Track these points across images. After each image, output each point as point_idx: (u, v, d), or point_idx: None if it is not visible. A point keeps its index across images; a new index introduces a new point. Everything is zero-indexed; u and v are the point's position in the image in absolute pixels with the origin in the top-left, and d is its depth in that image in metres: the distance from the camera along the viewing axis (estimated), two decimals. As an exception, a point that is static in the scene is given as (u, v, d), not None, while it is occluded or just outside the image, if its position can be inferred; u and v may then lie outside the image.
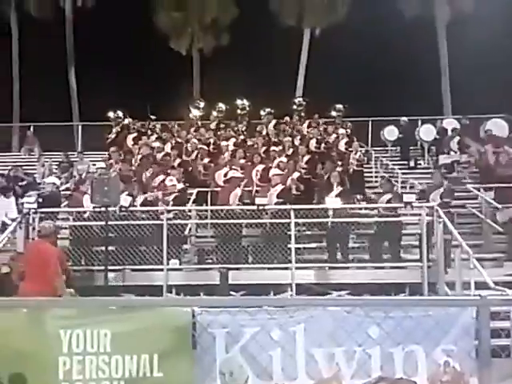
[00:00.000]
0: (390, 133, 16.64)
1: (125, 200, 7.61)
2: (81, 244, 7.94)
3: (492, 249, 9.24)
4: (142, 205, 8.40)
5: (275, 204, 8.42)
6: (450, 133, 15.45)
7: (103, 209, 7.36)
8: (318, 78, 21.96)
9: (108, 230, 7.35)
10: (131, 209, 7.87)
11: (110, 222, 7.30)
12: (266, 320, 2.63)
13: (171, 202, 8.35)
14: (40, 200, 8.52)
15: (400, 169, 13.83)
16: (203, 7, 23.66)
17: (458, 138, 15.37)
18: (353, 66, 21.62)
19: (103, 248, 7.53)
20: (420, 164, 15.38)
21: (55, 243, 6.62)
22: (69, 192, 10.37)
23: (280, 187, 8.84)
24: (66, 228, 8.47)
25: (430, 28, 22.95)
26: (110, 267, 7.58)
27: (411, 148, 16.17)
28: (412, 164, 15.27)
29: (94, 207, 7.64)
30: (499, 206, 9.85)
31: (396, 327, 2.47)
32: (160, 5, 23.48)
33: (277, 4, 23.09)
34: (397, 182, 12.25)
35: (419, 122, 16.61)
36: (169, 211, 7.98)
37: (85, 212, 8.25)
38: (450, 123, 16.48)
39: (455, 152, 14.84)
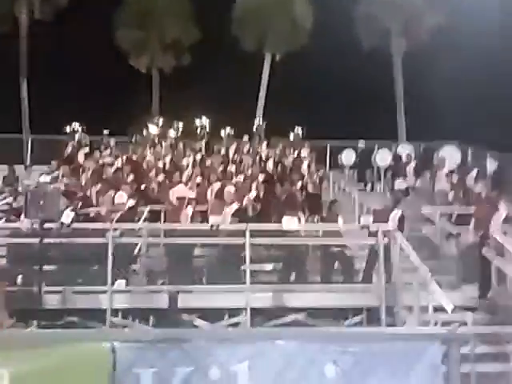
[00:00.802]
0: (348, 156, 16.91)
1: (67, 216, 7.04)
2: (18, 262, 7.29)
3: (447, 272, 9.20)
4: (86, 221, 7.82)
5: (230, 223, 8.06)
6: (404, 158, 15.79)
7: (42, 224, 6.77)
8: (278, 101, 22.11)
9: (46, 248, 6.74)
10: (74, 226, 7.27)
11: (47, 240, 6.69)
12: (202, 357, 2.20)
13: (115, 218, 7.80)
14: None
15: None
16: (164, 27, 23.50)
17: (413, 163, 15.74)
18: (312, 91, 21.92)
19: (44, 267, 6.92)
20: (376, 188, 15.55)
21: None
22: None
23: (235, 206, 8.51)
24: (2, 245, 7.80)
25: (386, 57, 23.72)
26: (49, 288, 6.97)
27: (367, 171, 16.46)
28: (369, 188, 15.41)
29: (32, 223, 7.02)
30: (457, 230, 9.89)
31: (355, 365, 2.13)
32: (121, 22, 23.13)
33: (238, 29, 23.24)
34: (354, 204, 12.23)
35: (376, 147, 16.95)
36: (116, 229, 7.44)
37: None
38: (404, 149, 16.88)
39: (410, 177, 15.12)
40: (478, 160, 14.90)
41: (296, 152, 14.26)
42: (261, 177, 10.95)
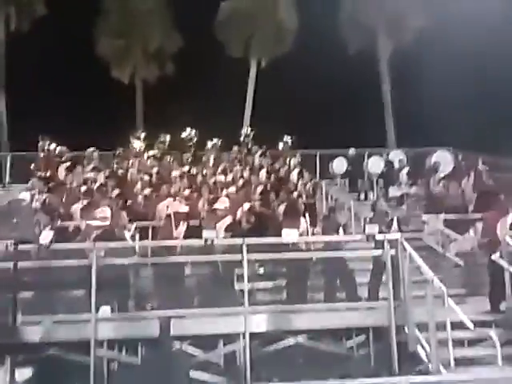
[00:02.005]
0: (339, 165, 16.56)
1: (45, 236, 6.36)
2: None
3: (452, 284, 8.70)
4: (66, 241, 7.13)
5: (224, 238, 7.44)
6: (396, 165, 15.45)
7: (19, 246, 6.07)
8: (266, 109, 21.73)
9: (21, 273, 6.04)
10: (54, 246, 6.57)
11: (22, 263, 6.00)
12: None
13: (94, 235, 7.12)
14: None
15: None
16: (146, 36, 23.00)
17: (406, 169, 15.43)
18: (299, 98, 21.56)
19: (18, 295, 6.22)
20: (369, 196, 15.16)
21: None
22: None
23: (229, 220, 7.92)
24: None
25: (373, 62, 23.51)
26: (25, 319, 6.26)
27: (359, 180, 16.08)
28: (362, 196, 15.02)
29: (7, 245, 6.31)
30: (459, 237, 9.45)
31: None
32: (101, 31, 22.54)
33: (223, 34, 22.86)
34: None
35: (366, 155, 16.61)
36: (100, 249, 6.77)
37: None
38: (396, 155, 16.59)
39: (404, 184, 14.83)
40: (470, 164, 14.60)
41: (287, 161, 13.79)
42: (255, 188, 10.41)
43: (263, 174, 12.05)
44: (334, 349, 6.91)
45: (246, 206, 9.12)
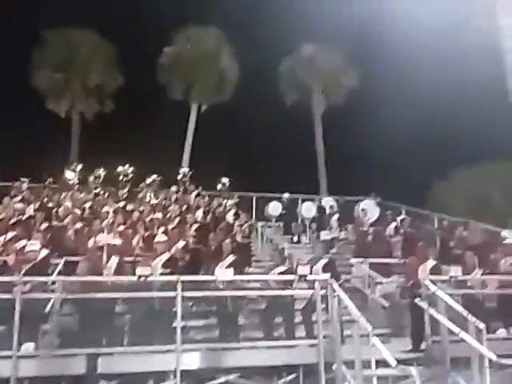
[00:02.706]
0: (274, 208, 17.13)
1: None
2: None
3: (378, 324, 9.09)
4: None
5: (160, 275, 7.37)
6: (328, 210, 16.22)
7: None
8: (205, 151, 22.04)
9: None
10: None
11: None
12: None
13: (24, 270, 6.81)
14: None
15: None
16: (86, 71, 22.82)
17: (336, 215, 16.24)
18: (238, 143, 22.14)
19: None
20: (302, 239, 15.66)
21: None
22: None
23: (166, 256, 7.88)
24: None
25: (308, 113, 24.81)
26: None
27: (293, 224, 16.59)
28: (295, 239, 15.50)
29: None
30: (384, 280, 9.94)
31: None
32: (39, 62, 22.06)
33: (165, 77, 23.22)
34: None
35: (299, 200, 17.27)
36: (25, 282, 6.47)
37: None
38: (327, 202, 17.46)
39: (335, 229, 15.55)
40: (394, 213, 15.58)
41: (224, 202, 14.02)
42: (190, 226, 10.44)
43: (199, 213, 12.14)
44: (265, 387, 6.94)
45: (181, 243, 9.13)
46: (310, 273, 7.69)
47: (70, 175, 15.04)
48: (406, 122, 19.56)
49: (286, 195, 16.98)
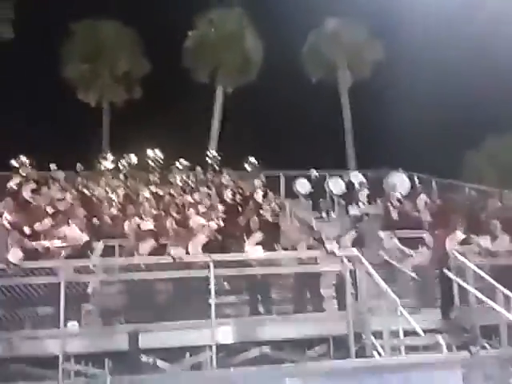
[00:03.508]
0: (302, 185, 17.14)
1: (14, 254, 6.47)
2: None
3: (407, 296, 9.21)
4: (35, 259, 7.22)
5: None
6: (356, 185, 16.13)
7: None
8: (232, 132, 22.21)
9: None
10: (23, 264, 6.67)
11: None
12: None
13: (66, 255, 7.25)
14: None
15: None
16: (114, 60, 23.23)
17: (366, 190, 16.12)
18: (265, 123, 22.21)
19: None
20: (331, 215, 15.69)
21: None
22: None
23: (204, 238, 8.20)
24: None
25: (334, 90, 24.55)
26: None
27: (321, 200, 16.67)
28: (324, 215, 15.53)
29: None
30: (413, 252, 9.98)
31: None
32: (69, 55, 22.63)
33: (190, 61, 23.37)
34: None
35: (327, 176, 17.26)
36: (70, 266, 6.91)
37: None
38: (356, 177, 17.29)
39: (364, 204, 15.44)
40: (424, 186, 15.44)
41: (252, 182, 14.20)
42: (221, 207, 10.73)
43: (228, 194, 12.39)
44: (297, 358, 7.22)
45: (212, 224, 9.43)
46: (339, 248, 7.90)
47: (104, 162, 15.56)
48: (434, 93, 19.18)
49: (314, 172, 16.99)
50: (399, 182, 15.72)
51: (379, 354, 6.57)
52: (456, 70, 19.42)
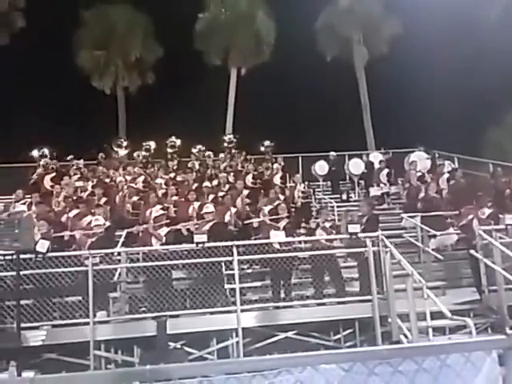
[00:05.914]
0: (321, 168, 16.95)
1: (41, 245, 6.57)
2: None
3: (432, 277, 9.11)
4: (61, 250, 7.32)
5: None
6: (376, 166, 15.87)
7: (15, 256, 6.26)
8: (247, 116, 22.02)
9: (21, 281, 6.24)
10: (50, 254, 6.78)
11: (23, 272, 6.19)
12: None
13: (88, 242, 7.31)
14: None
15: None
16: (126, 46, 23.12)
17: (386, 170, 15.86)
18: (279, 104, 21.96)
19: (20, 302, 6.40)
20: (351, 197, 15.54)
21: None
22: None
23: (210, 224, 8.23)
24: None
25: (350, 68, 24.07)
26: (25, 324, 6.46)
27: (341, 182, 16.49)
28: (344, 197, 15.40)
29: (4, 255, 6.51)
30: (438, 233, 9.84)
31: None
32: (81, 43, 22.60)
33: (202, 44, 23.13)
34: (333, 214, 12.10)
35: (346, 157, 17.02)
36: (94, 255, 6.99)
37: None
38: (376, 157, 17.02)
39: (384, 184, 15.22)
40: (446, 163, 15.15)
41: (270, 165, 14.09)
42: (241, 192, 10.69)
43: (249, 178, 12.33)
44: (322, 341, 7.25)
45: (233, 210, 9.42)
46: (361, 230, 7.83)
47: (119, 150, 15.57)
48: (454, 66, 18.69)
49: (333, 153, 16.77)
50: (420, 160, 15.48)
51: (406, 336, 6.54)
52: (479, 41, 18.83)
